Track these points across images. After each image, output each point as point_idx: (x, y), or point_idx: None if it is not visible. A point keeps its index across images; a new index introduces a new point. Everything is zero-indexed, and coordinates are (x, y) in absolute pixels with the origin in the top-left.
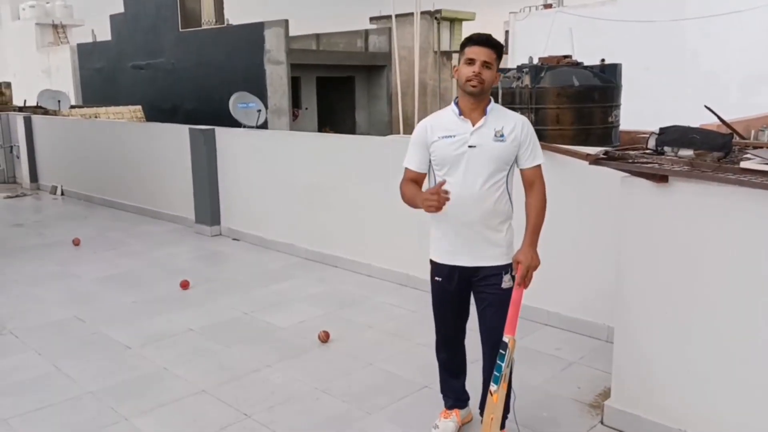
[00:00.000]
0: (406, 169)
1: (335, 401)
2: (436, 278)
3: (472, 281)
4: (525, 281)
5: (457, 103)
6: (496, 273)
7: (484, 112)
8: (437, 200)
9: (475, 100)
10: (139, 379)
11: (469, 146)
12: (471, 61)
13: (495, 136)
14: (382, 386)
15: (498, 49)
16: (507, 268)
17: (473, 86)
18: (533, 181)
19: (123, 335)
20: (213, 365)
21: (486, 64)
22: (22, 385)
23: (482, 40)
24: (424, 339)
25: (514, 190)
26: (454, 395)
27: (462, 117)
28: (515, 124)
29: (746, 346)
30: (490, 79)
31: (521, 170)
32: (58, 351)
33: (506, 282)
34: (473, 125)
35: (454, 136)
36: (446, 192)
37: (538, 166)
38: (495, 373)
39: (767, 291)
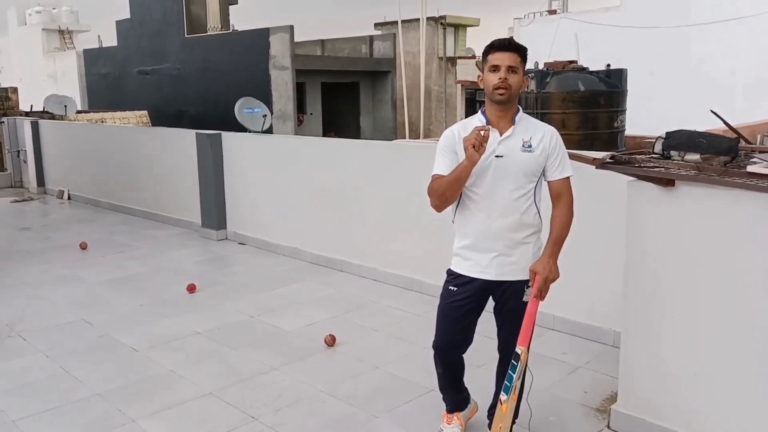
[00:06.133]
0: (435, 176)
1: (341, 404)
2: (451, 287)
3: (493, 295)
4: (542, 293)
5: (483, 112)
6: (519, 287)
7: (512, 122)
8: (476, 138)
9: (503, 108)
10: (147, 381)
11: (496, 156)
12: (495, 68)
13: (523, 146)
14: (388, 389)
15: (522, 52)
16: (530, 282)
17: (501, 94)
18: (561, 193)
19: (130, 338)
20: (220, 368)
21: (512, 69)
22: (30, 387)
23: (504, 44)
24: (429, 342)
25: (543, 202)
26: (452, 401)
27: (489, 126)
28: (543, 135)
29: (753, 349)
30: (517, 84)
31: (549, 182)
32: (65, 353)
33: (527, 295)
34: (501, 135)
35: None
36: (487, 130)
37: (567, 179)
38: (506, 383)
39: None
